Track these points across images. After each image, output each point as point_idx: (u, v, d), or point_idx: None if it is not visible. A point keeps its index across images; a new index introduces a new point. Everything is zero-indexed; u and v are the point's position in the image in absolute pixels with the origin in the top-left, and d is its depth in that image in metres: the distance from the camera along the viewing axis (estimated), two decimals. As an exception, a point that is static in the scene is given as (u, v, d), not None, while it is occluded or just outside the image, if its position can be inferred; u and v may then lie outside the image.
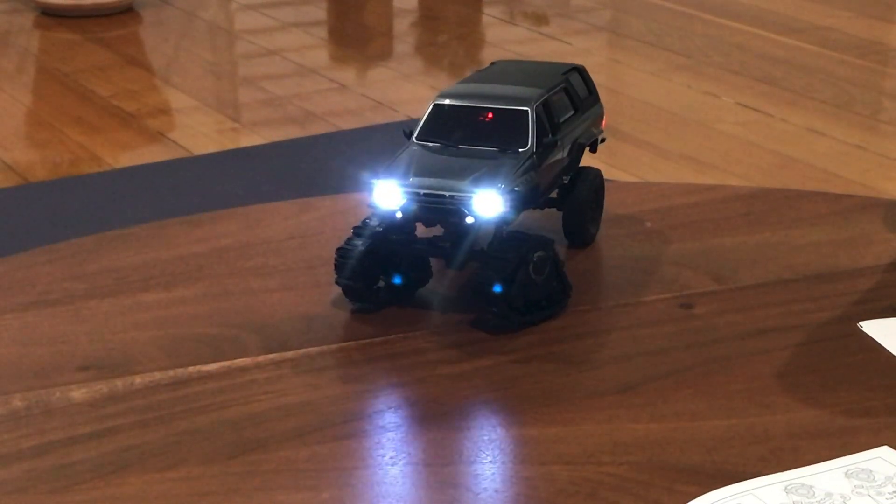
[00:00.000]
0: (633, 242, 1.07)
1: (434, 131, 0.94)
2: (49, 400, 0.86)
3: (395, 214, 0.91)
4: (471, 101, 0.95)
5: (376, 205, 0.91)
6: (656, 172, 2.67)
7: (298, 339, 0.93)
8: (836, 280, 1.01)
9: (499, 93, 0.95)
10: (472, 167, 0.90)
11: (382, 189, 0.90)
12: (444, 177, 0.89)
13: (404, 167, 0.91)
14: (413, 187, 0.89)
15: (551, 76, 1.00)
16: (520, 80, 0.98)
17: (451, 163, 0.91)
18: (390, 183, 0.90)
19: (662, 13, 3.81)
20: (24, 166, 2.76)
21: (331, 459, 0.79)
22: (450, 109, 0.95)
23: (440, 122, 0.94)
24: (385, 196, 0.90)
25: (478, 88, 0.96)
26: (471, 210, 0.88)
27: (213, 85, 3.33)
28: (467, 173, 0.89)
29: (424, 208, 0.90)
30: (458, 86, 0.97)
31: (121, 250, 1.07)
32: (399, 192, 0.90)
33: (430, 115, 0.94)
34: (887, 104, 3.15)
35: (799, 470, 0.78)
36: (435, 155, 0.93)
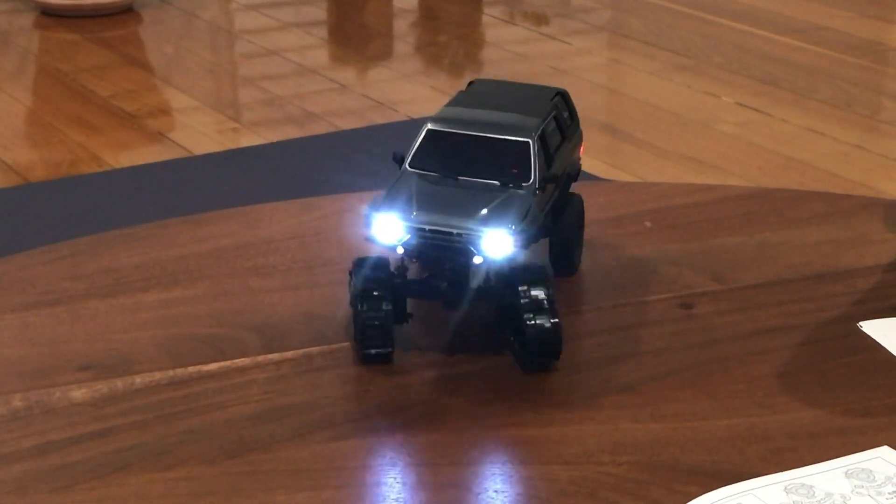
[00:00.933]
0: (633, 242, 1.07)
1: (428, 159, 0.89)
2: (49, 400, 0.86)
3: (396, 250, 0.86)
4: (467, 129, 0.90)
5: (375, 239, 0.86)
6: (656, 172, 2.67)
7: (298, 339, 0.93)
8: (836, 280, 1.01)
9: (496, 120, 0.90)
10: (477, 203, 0.85)
11: (382, 223, 0.85)
12: (451, 213, 0.84)
13: (405, 199, 0.85)
14: (418, 223, 0.84)
15: (541, 102, 0.95)
16: (511, 106, 0.93)
17: (455, 197, 0.86)
18: (391, 216, 0.85)
19: (662, 13, 3.81)
20: (24, 166, 2.76)
21: (331, 459, 0.79)
22: (444, 136, 0.90)
23: (434, 149, 0.89)
24: (385, 230, 0.85)
25: (473, 115, 0.91)
26: (479, 249, 0.84)
27: (213, 85, 3.33)
28: (474, 210, 0.84)
29: (429, 245, 0.85)
30: (448, 110, 0.92)
31: (121, 250, 1.07)
32: (400, 227, 0.85)
33: (424, 141, 0.89)
34: (887, 104, 3.14)
35: (799, 470, 0.78)
36: (435, 187, 0.87)
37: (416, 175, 0.88)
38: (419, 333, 0.92)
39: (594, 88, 3.21)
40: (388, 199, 0.86)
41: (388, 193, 0.86)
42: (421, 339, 0.92)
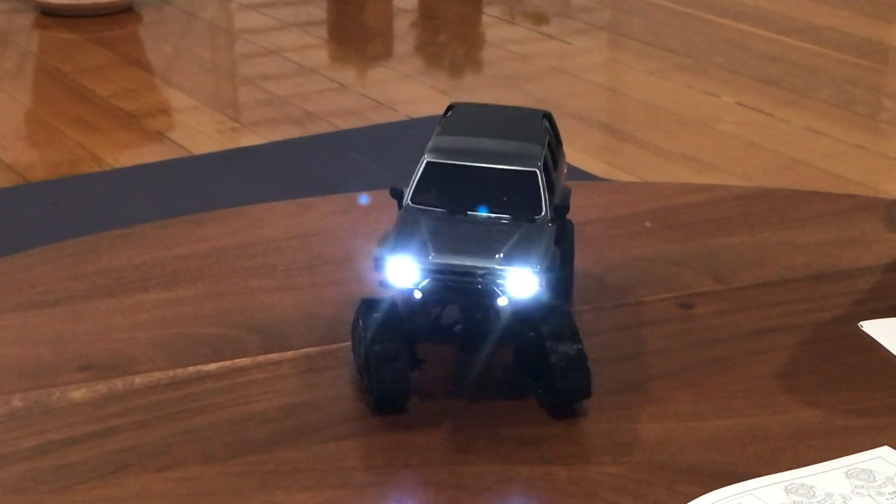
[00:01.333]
0: (633, 242, 1.07)
1: (431, 194, 0.84)
2: (49, 400, 0.86)
3: (413, 294, 0.81)
4: (469, 160, 0.85)
5: (390, 283, 0.81)
6: (656, 172, 2.67)
7: (298, 339, 0.93)
8: (836, 280, 1.01)
9: (497, 149, 0.85)
10: (494, 240, 0.81)
11: (397, 266, 0.80)
12: (470, 252, 0.80)
13: (418, 240, 0.81)
14: (437, 265, 0.80)
15: (534, 126, 0.90)
16: (506, 133, 0.88)
17: (470, 235, 0.82)
18: (406, 259, 0.80)
19: (662, 13, 3.81)
20: (24, 166, 2.76)
21: (331, 459, 0.79)
22: (444, 168, 0.84)
23: (436, 183, 0.84)
24: (400, 274, 0.80)
25: (471, 144, 0.86)
26: (504, 290, 0.80)
27: (213, 85, 3.33)
28: (494, 248, 0.80)
29: (450, 288, 0.80)
30: (443, 139, 0.87)
31: (121, 250, 1.07)
32: (417, 270, 0.80)
33: (424, 175, 0.84)
34: (888, 104, 3.14)
35: (799, 470, 0.78)
36: (446, 224, 0.82)
37: (421, 212, 0.83)
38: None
39: (594, 88, 3.21)
40: (399, 240, 0.81)
41: (397, 234, 0.82)
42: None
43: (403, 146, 2.65)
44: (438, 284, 0.80)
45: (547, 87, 3.18)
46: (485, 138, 0.87)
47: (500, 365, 0.87)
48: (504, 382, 0.87)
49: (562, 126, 0.96)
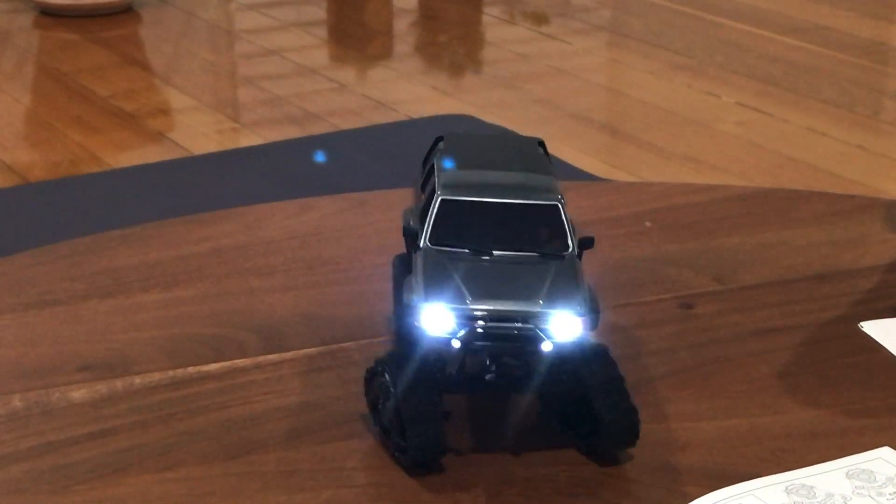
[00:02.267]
0: (633, 242, 1.07)
1: (450, 233, 0.79)
2: (49, 400, 0.86)
3: (451, 344, 0.76)
4: (486, 195, 0.80)
5: (427, 332, 0.76)
6: (656, 172, 2.67)
7: (298, 339, 0.93)
8: (836, 280, 1.01)
9: (513, 182, 0.81)
10: (530, 281, 0.77)
11: (433, 314, 0.75)
12: (509, 296, 0.76)
13: (451, 285, 0.76)
14: (478, 312, 0.75)
15: (534, 155, 0.87)
16: (512, 163, 0.84)
17: (504, 276, 0.77)
18: (442, 307, 0.75)
19: (662, 13, 3.81)
20: (23, 166, 2.76)
21: (331, 459, 0.79)
22: (461, 206, 0.80)
23: (454, 221, 0.79)
24: (436, 322, 0.75)
25: (484, 177, 0.82)
26: (548, 335, 0.75)
27: (213, 85, 3.33)
28: (532, 290, 0.76)
29: (490, 335, 0.75)
30: (452, 174, 0.82)
31: (121, 250, 1.07)
32: (454, 318, 0.75)
33: (439, 214, 0.79)
34: (888, 104, 3.14)
35: (800, 470, 0.78)
36: (475, 266, 0.78)
37: (442, 254, 0.78)
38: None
39: (594, 88, 3.21)
40: (429, 287, 0.76)
41: (425, 280, 0.77)
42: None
43: (403, 146, 2.65)
44: (478, 332, 0.76)
45: (547, 87, 3.18)
46: (494, 171, 0.83)
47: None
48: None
49: (562, 126, 0.96)
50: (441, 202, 0.80)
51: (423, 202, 0.83)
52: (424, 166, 0.87)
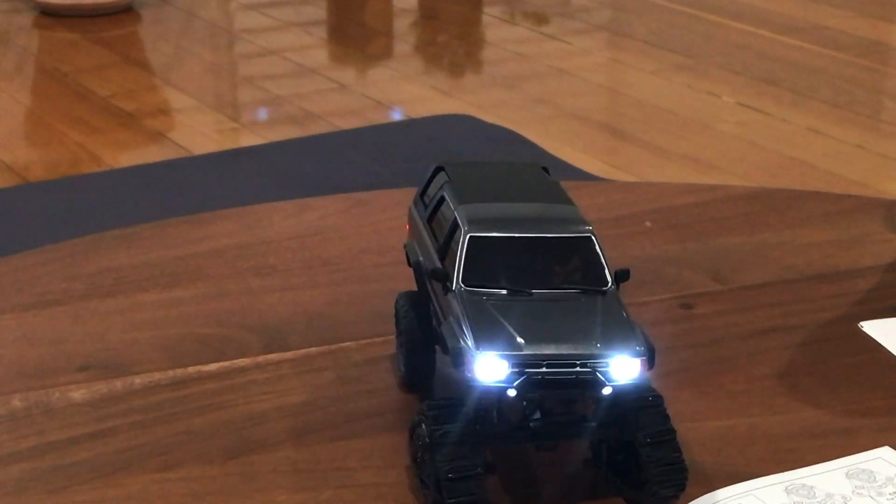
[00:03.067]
0: (633, 242, 1.07)
1: (482, 273, 0.76)
2: (49, 400, 0.86)
3: (508, 393, 0.72)
4: (516, 230, 0.77)
5: (480, 382, 0.71)
6: (656, 172, 2.66)
7: (298, 339, 0.93)
8: (836, 280, 1.01)
9: (539, 214, 0.79)
10: (580, 321, 0.74)
11: (487, 363, 0.71)
12: (563, 339, 0.72)
13: (499, 330, 0.72)
14: (534, 357, 0.71)
15: (548, 182, 0.84)
16: (531, 194, 0.82)
17: (553, 318, 0.74)
18: (495, 354, 0.71)
19: (662, 13, 3.81)
20: (23, 166, 2.76)
21: (331, 459, 0.79)
22: (490, 242, 0.76)
23: (485, 260, 0.76)
24: (490, 370, 0.71)
25: (509, 211, 0.79)
26: (609, 378, 0.72)
27: (213, 85, 3.33)
28: (586, 332, 0.73)
29: (548, 382, 0.72)
30: (474, 208, 0.78)
31: (121, 250, 1.07)
32: (507, 366, 0.71)
33: (469, 253, 0.76)
34: (888, 104, 3.14)
35: (799, 470, 0.78)
36: (520, 308, 0.74)
37: (480, 295, 0.75)
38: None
39: (594, 88, 3.21)
40: (478, 334, 0.72)
41: (471, 325, 0.73)
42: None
43: (403, 146, 2.65)
44: (536, 379, 0.72)
45: (547, 87, 3.18)
46: (517, 203, 0.80)
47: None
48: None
49: (561, 126, 0.96)
50: (470, 240, 0.76)
51: (436, 238, 0.81)
52: (423, 197, 0.85)
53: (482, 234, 0.76)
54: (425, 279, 0.82)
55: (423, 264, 0.81)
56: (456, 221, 0.78)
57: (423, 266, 0.81)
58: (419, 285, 0.83)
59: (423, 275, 0.82)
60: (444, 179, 0.84)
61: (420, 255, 0.83)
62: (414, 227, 0.86)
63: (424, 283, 0.82)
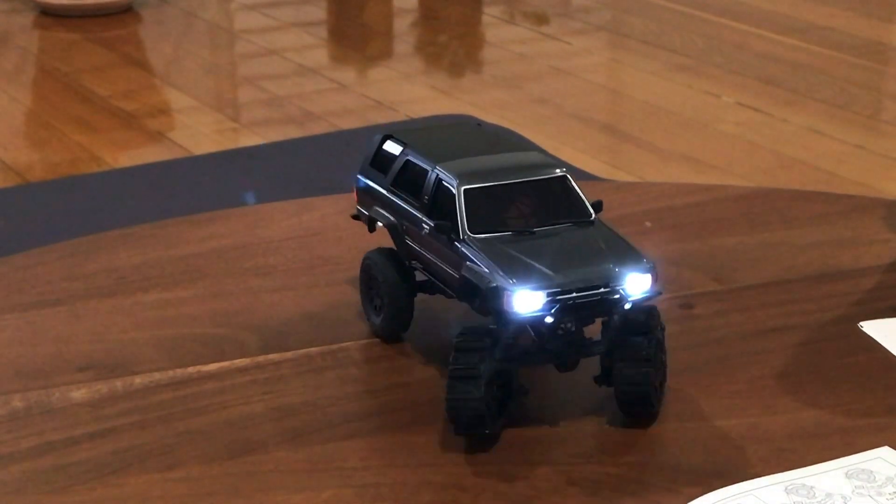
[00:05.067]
0: (633, 242, 1.07)
1: (484, 220, 0.83)
2: (49, 400, 0.86)
3: (545, 320, 0.79)
4: (503, 178, 0.84)
5: (518, 313, 0.79)
6: (656, 172, 2.67)
7: (298, 339, 0.93)
8: (836, 280, 1.01)
9: (516, 162, 0.86)
10: (589, 249, 0.82)
11: (524, 297, 0.78)
12: (584, 265, 0.80)
13: (526, 266, 0.79)
14: (567, 286, 0.79)
15: (500, 134, 0.92)
16: (493, 146, 0.90)
17: (564, 249, 0.81)
18: (530, 288, 0.79)
19: (662, 13, 3.81)
20: (23, 166, 2.76)
21: (331, 459, 0.79)
22: (482, 192, 0.84)
23: (482, 208, 0.83)
24: (527, 303, 0.79)
25: (489, 163, 0.86)
26: (627, 295, 0.80)
27: (213, 85, 3.33)
28: (598, 255, 0.81)
29: (579, 306, 0.80)
30: (453, 165, 0.86)
31: (121, 250, 1.07)
32: (542, 296, 0.79)
33: (468, 204, 0.83)
34: (887, 104, 3.14)
35: (799, 470, 0.78)
36: (533, 246, 0.81)
37: (491, 241, 0.82)
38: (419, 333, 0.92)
39: (594, 88, 3.21)
40: (509, 271, 0.79)
41: (500, 266, 0.80)
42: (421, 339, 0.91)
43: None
44: (570, 304, 0.79)
45: (547, 87, 3.18)
46: (489, 155, 0.87)
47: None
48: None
49: (562, 126, 0.97)
50: (465, 192, 0.83)
51: (412, 198, 0.87)
52: (373, 166, 0.93)
53: (474, 185, 0.84)
54: (404, 236, 0.89)
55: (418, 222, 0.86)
56: (439, 179, 0.85)
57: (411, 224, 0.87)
58: (397, 243, 0.90)
59: (400, 233, 0.89)
60: (399, 146, 0.91)
61: (392, 217, 0.89)
62: (369, 195, 0.93)
63: (402, 240, 0.89)
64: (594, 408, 0.84)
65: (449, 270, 0.84)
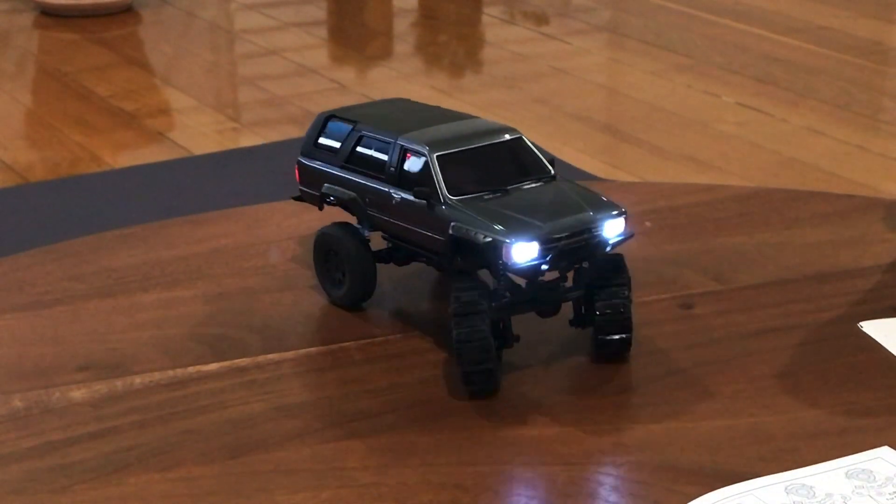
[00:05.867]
0: (633, 242, 1.07)
1: (459, 183, 0.88)
2: (49, 400, 0.86)
3: (542, 268, 0.85)
4: (469, 144, 0.90)
5: (517, 264, 0.84)
6: (656, 172, 2.67)
7: (298, 339, 0.93)
8: (836, 280, 1.01)
9: (474, 128, 0.92)
10: (564, 201, 0.87)
11: (521, 249, 0.84)
12: (566, 215, 0.86)
13: (516, 220, 0.85)
14: (556, 235, 0.84)
15: (430, 107, 0.99)
16: (436, 118, 0.95)
17: (542, 203, 0.87)
18: (525, 239, 0.84)
19: (662, 13, 3.81)
20: (24, 166, 2.76)
21: (331, 459, 0.79)
22: (452, 158, 0.89)
23: (455, 173, 0.88)
24: (524, 254, 0.84)
25: (450, 130, 0.92)
26: (606, 239, 0.87)
27: (213, 85, 3.33)
28: (574, 206, 0.86)
29: (569, 252, 0.85)
30: (418, 135, 0.91)
31: (121, 250, 1.07)
32: (536, 246, 0.84)
33: (441, 169, 0.88)
34: (887, 104, 3.15)
35: (799, 470, 0.78)
36: (512, 202, 0.87)
37: (473, 201, 0.87)
38: (419, 333, 0.92)
39: (594, 88, 3.21)
40: (503, 227, 0.84)
41: (492, 222, 0.84)
42: (421, 339, 0.92)
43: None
44: (562, 251, 0.85)
45: (547, 87, 3.18)
46: (445, 124, 0.93)
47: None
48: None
49: (561, 126, 0.97)
50: (437, 159, 0.88)
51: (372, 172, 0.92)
52: (320, 145, 0.97)
53: (446, 151, 0.89)
54: (366, 209, 0.93)
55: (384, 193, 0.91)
56: (405, 150, 0.90)
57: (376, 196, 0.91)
58: (359, 216, 0.94)
59: (362, 207, 0.93)
60: (348, 125, 0.96)
61: (350, 192, 0.94)
62: (318, 174, 0.97)
63: (364, 213, 0.93)
64: (594, 408, 0.84)
65: (429, 234, 0.88)
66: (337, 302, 0.97)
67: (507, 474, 0.78)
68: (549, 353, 0.91)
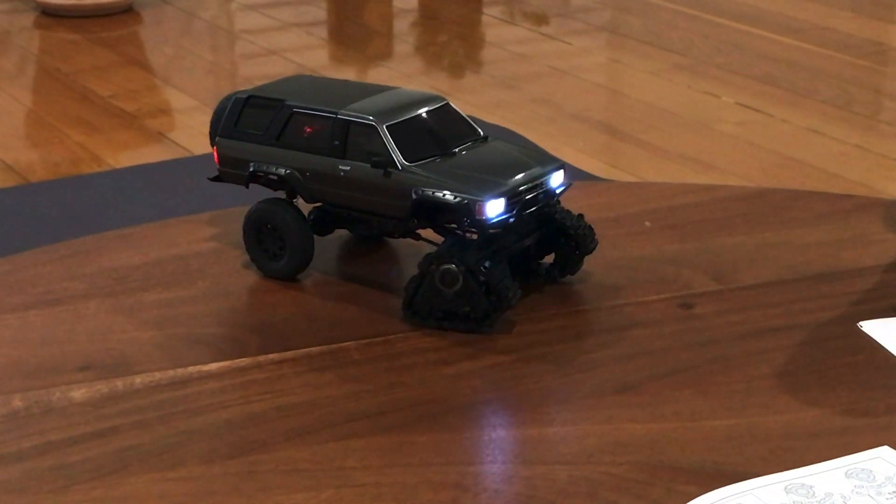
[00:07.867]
0: (633, 242, 1.07)
1: (413, 149, 0.94)
2: (49, 400, 0.86)
3: (509, 221, 0.91)
4: (411, 112, 0.96)
5: (489, 219, 0.90)
6: (656, 172, 2.67)
7: (298, 339, 0.93)
8: (836, 280, 1.01)
9: (409, 97, 0.98)
10: (509, 158, 0.95)
11: (492, 205, 0.90)
12: (520, 171, 0.93)
13: (478, 179, 0.91)
14: (517, 187, 0.92)
15: (346, 81, 1.04)
16: (354, 93, 0.99)
17: (494, 160, 0.94)
18: (493, 197, 0.90)
19: (662, 13, 3.81)
20: (24, 166, 2.76)
21: (331, 459, 0.79)
22: (401, 126, 0.94)
23: (406, 140, 0.94)
24: (494, 209, 0.90)
25: (389, 100, 0.97)
26: (554, 189, 0.95)
27: (213, 85, 3.33)
28: (522, 163, 0.94)
29: (531, 202, 0.93)
30: (360, 106, 0.96)
31: (121, 250, 1.07)
32: (503, 202, 0.91)
33: (393, 137, 0.94)
34: (887, 104, 3.14)
35: (799, 470, 0.78)
36: (466, 162, 0.94)
37: (428, 165, 0.93)
38: (419, 333, 0.92)
39: (594, 88, 3.21)
40: (467, 187, 0.90)
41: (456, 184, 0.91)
42: (421, 339, 0.92)
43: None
44: (527, 203, 0.92)
45: (547, 87, 3.18)
46: (376, 96, 0.98)
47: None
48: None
49: (561, 126, 0.98)
50: (387, 128, 0.93)
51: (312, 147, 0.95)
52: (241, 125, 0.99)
53: (393, 121, 0.94)
54: (307, 183, 0.96)
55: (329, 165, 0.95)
56: (348, 122, 0.94)
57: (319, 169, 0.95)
58: (300, 191, 0.98)
59: (302, 181, 0.97)
60: (275, 104, 0.98)
61: (287, 168, 0.97)
62: (244, 153, 1.00)
63: (305, 187, 0.97)
64: (594, 407, 0.84)
65: (386, 200, 0.93)
66: (275, 275, 1.01)
67: (507, 474, 0.78)
68: (549, 352, 0.91)
